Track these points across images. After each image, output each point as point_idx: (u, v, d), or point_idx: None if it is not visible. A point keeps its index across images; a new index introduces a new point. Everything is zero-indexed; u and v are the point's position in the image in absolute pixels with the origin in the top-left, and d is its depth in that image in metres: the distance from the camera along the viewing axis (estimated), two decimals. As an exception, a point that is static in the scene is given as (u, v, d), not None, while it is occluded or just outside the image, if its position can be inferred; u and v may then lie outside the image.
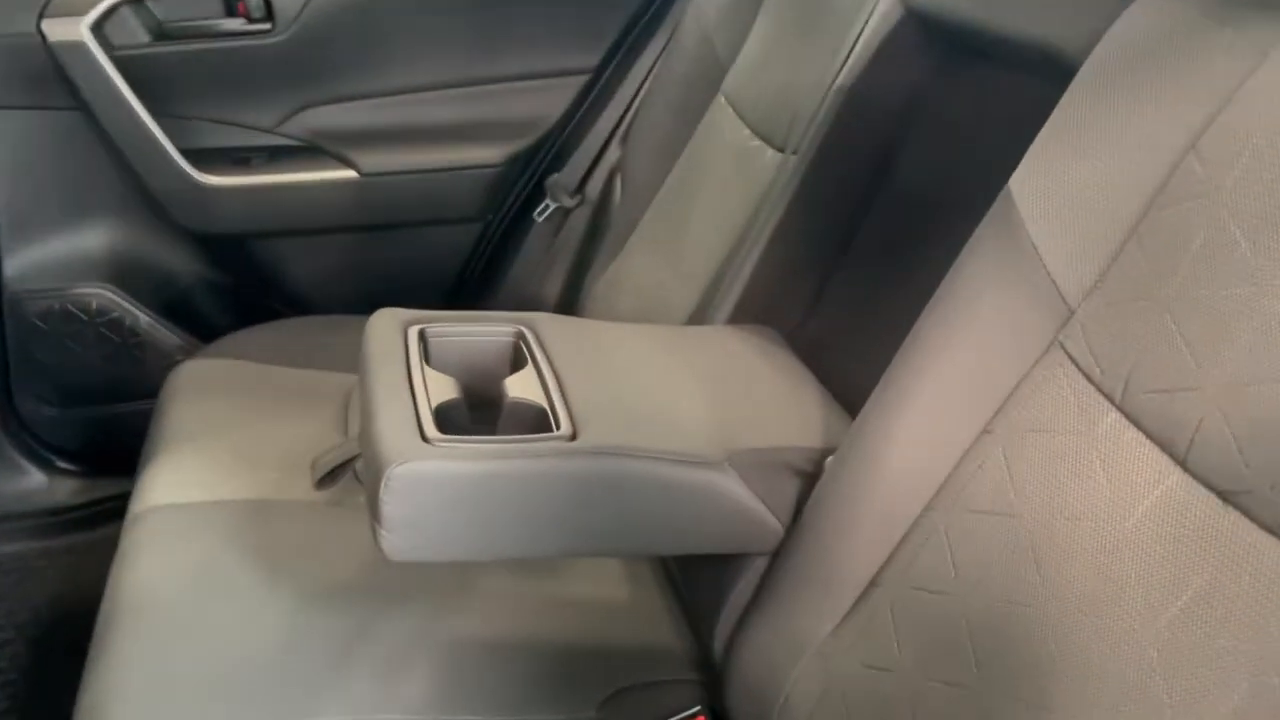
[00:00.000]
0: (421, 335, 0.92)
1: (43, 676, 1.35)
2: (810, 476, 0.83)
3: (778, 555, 0.83)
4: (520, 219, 1.58)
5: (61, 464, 1.60)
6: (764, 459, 0.83)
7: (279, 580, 0.95)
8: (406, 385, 0.84)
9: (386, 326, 0.93)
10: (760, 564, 0.85)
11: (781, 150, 1.13)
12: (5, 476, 1.54)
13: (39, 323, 1.49)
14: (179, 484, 1.10)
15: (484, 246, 1.60)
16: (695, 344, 0.99)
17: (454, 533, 0.77)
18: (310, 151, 1.51)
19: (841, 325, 1.02)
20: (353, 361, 1.02)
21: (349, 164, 1.50)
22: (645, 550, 0.95)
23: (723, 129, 1.28)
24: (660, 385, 0.89)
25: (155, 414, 1.27)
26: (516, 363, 0.93)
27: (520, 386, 0.88)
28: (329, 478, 0.99)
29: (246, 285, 1.58)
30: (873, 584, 0.75)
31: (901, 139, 0.99)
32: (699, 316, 1.13)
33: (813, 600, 0.79)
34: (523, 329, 0.95)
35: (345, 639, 0.89)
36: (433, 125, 1.53)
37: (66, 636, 1.04)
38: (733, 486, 0.81)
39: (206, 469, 1.12)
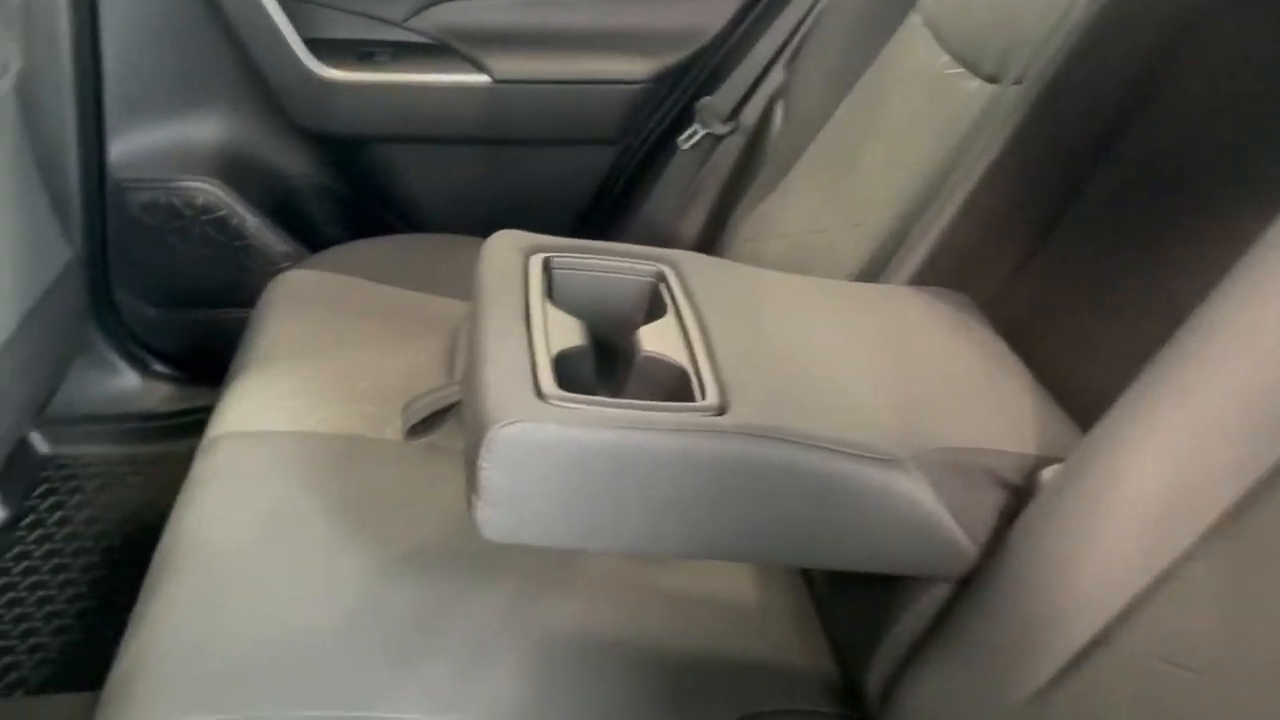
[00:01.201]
0: (546, 266, 0.77)
1: (111, 591, 1.27)
2: (1018, 491, 0.65)
3: (966, 585, 0.66)
4: (663, 144, 1.41)
5: (157, 367, 1.51)
6: (960, 462, 0.65)
7: (358, 536, 0.82)
8: (523, 325, 0.69)
9: (505, 251, 0.79)
10: (940, 592, 0.68)
11: (992, 80, 0.93)
12: (99, 375, 1.46)
13: (143, 215, 1.40)
14: (263, 408, 0.99)
15: (620, 172, 1.43)
16: (875, 306, 0.81)
17: (566, 514, 0.62)
18: (439, 51, 1.36)
19: (1055, 299, 0.83)
20: (467, 287, 0.91)
21: (481, 67, 1.35)
22: (796, 561, 0.78)
23: (914, 53, 1.08)
24: (832, 355, 0.72)
25: (249, 326, 1.17)
26: (654, 310, 0.77)
27: (657, 339, 0.72)
28: (422, 426, 0.85)
29: (360, 193, 1.46)
30: (1098, 642, 0.57)
31: (1165, 73, 0.78)
32: (869, 273, 0.95)
33: (1010, 650, 0.62)
34: (664, 269, 0.78)
35: (424, 616, 0.76)
36: (576, 31, 1.36)
37: (142, 554, 0.96)
38: (918, 493, 0.64)
39: (295, 394, 1.01)
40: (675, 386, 0.68)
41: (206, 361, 1.44)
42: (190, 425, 1.45)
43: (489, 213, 1.46)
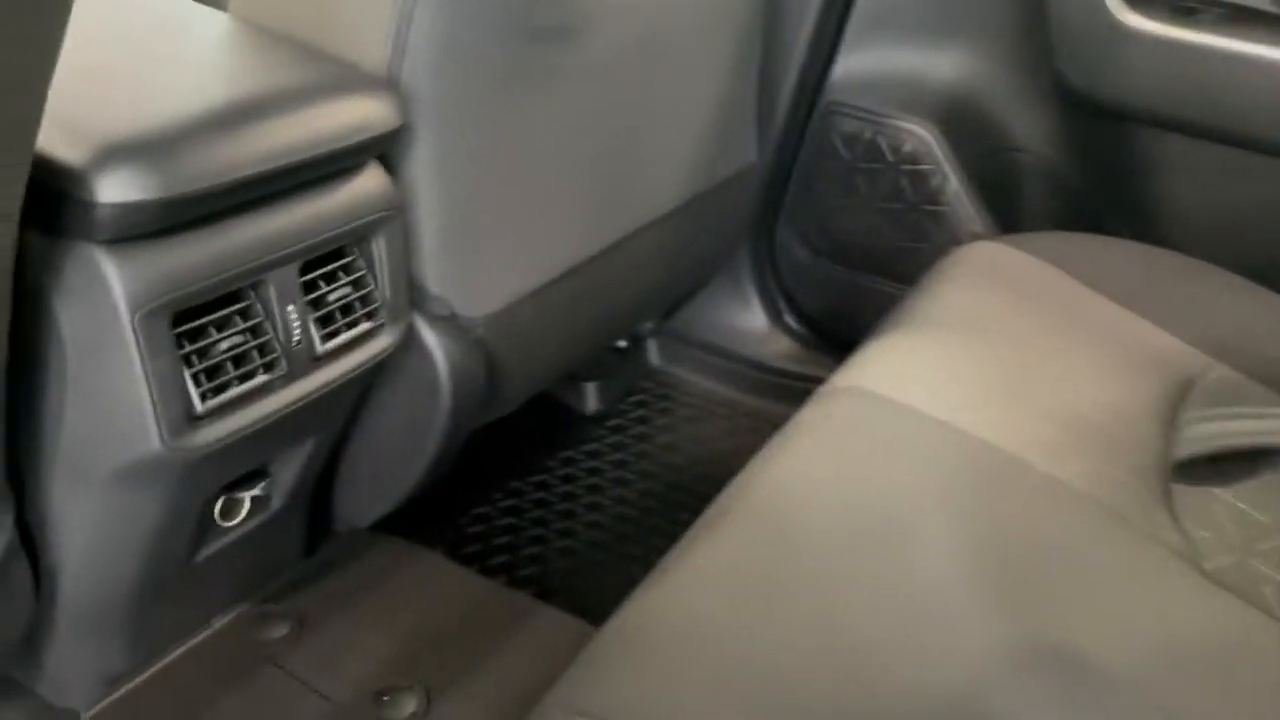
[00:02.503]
0: None
1: (656, 531, 1.12)
2: None
3: None
4: None
5: (789, 319, 1.35)
6: None
7: (987, 597, 0.52)
8: None
9: None
10: None
11: None
12: (729, 305, 1.34)
13: (840, 145, 1.22)
14: (907, 377, 0.74)
15: None
16: None
17: None
18: (1286, 22, 0.98)
19: None
20: (1206, 330, 0.81)
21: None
22: None
23: None
24: None
25: (917, 286, 0.93)
26: None
27: None
28: (1201, 466, 0.52)
29: (1090, 182, 1.13)
30: None
31: None
32: None
33: None
34: None
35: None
36: None
37: (703, 504, 0.78)
38: None
39: (950, 376, 0.75)
40: None
41: (842, 332, 1.24)
42: (803, 393, 1.26)
43: (1269, 250, 1.05)
